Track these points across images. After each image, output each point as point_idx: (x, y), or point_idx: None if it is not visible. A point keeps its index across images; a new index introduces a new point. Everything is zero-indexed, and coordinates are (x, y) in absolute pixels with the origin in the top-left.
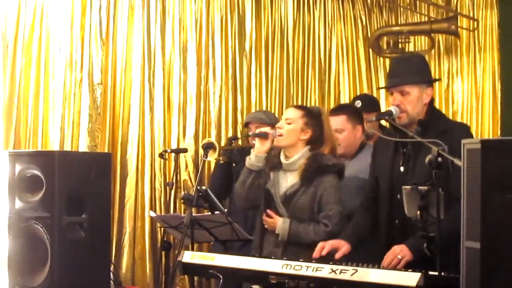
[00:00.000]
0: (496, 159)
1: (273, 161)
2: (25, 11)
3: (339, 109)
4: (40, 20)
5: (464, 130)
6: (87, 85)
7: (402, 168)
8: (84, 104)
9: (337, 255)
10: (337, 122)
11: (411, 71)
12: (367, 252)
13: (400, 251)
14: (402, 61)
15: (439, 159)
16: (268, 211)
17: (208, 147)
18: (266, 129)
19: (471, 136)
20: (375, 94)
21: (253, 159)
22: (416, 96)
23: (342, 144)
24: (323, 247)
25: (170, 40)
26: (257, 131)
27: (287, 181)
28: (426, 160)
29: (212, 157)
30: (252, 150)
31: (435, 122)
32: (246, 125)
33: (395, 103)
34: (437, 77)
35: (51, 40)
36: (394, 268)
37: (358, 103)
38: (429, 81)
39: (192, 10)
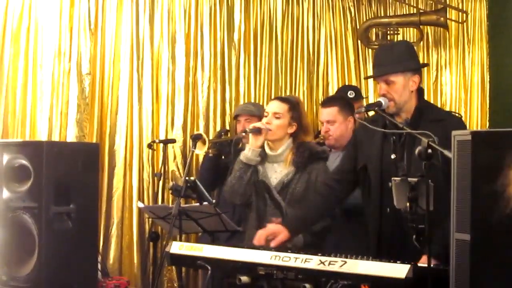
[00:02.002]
0: (486, 150)
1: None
2: (14, 0)
3: (330, 101)
4: (28, 10)
5: (458, 120)
6: (75, 75)
7: (393, 156)
8: (72, 94)
9: (273, 244)
10: (328, 114)
11: (394, 59)
12: (356, 240)
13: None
14: (385, 49)
15: (429, 150)
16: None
17: (197, 137)
18: (259, 124)
19: (464, 126)
20: (363, 85)
21: (250, 153)
22: (401, 85)
23: (334, 135)
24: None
25: (158, 31)
26: (251, 126)
27: (276, 171)
28: (416, 151)
29: (202, 151)
30: (247, 145)
31: (428, 111)
32: (235, 117)
33: (381, 93)
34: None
35: (39, 30)
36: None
37: (352, 93)
38: (414, 69)
39: (180, 0)
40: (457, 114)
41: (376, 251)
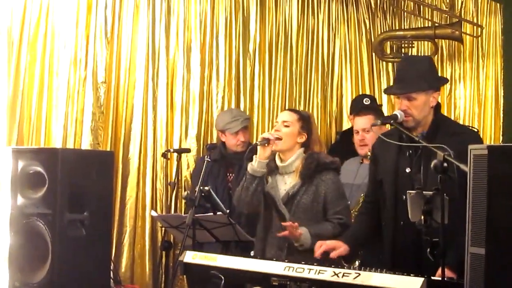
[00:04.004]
0: (502, 165)
1: (269, 166)
2: (31, 8)
3: (365, 109)
4: (45, 18)
5: (474, 135)
6: (91, 83)
7: (408, 169)
8: (88, 102)
9: (333, 254)
10: (364, 122)
11: (418, 77)
12: (369, 253)
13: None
14: (409, 65)
15: (445, 164)
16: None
17: (212, 147)
18: (268, 135)
19: (481, 141)
20: (377, 97)
21: (256, 165)
22: (422, 101)
23: (369, 144)
24: (320, 246)
25: (174, 40)
26: (260, 137)
27: (286, 183)
28: (432, 164)
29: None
30: (254, 156)
31: (446, 124)
32: (237, 132)
33: (402, 108)
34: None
35: (56, 37)
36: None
37: (367, 101)
38: (436, 87)
39: (196, 10)
40: (473, 129)
41: (389, 263)
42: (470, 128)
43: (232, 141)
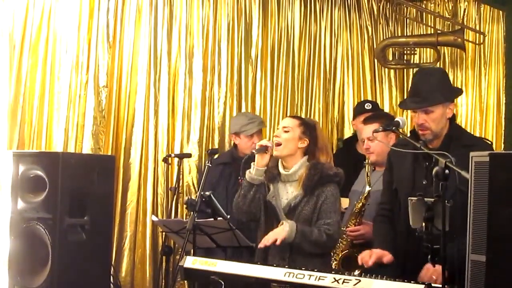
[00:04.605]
0: (503, 172)
1: (271, 173)
2: (33, 12)
3: (372, 117)
4: (47, 21)
5: (488, 147)
6: (93, 87)
7: (424, 181)
8: (89, 106)
9: (386, 260)
10: (370, 131)
11: (433, 89)
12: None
13: (434, 272)
14: (424, 78)
15: (446, 171)
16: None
17: (213, 152)
18: (265, 142)
19: None
20: (378, 103)
21: (254, 172)
22: (440, 114)
23: (374, 152)
24: (370, 255)
25: (176, 45)
26: (257, 145)
27: (288, 192)
28: (433, 172)
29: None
30: (252, 164)
31: (460, 136)
32: (251, 135)
33: (420, 122)
34: None
35: (58, 41)
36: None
37: (369, 106)
38: (452, 98)
39: (199, 15)
40: (487, 141)
41: (400, 272)
42: (484, 140)
43: (247, 144)
